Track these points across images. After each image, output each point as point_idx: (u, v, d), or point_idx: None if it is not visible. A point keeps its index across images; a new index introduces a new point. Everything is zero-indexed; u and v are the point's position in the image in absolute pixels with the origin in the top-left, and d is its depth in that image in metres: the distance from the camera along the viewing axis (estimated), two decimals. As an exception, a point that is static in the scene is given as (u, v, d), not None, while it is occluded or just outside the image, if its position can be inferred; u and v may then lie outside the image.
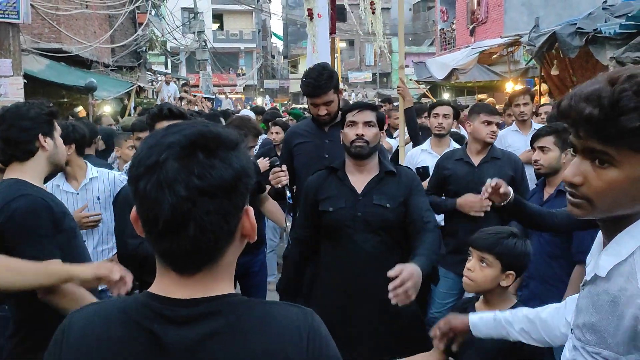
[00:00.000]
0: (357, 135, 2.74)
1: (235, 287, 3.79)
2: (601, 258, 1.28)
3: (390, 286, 2.15)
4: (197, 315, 1.02)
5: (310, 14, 5.51)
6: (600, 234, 1.36)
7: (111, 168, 4.28)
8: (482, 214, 3.49)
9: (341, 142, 2.86)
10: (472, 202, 3.51)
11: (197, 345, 1.01)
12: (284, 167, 3.18)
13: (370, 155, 2.80)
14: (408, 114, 4.41)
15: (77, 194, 3.46)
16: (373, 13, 5.65)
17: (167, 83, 15.71)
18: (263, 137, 7.35)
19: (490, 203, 3.00)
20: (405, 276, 2.17)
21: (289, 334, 1.05)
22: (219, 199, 0.99)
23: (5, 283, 1.98)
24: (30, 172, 2.25)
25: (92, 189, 3.50)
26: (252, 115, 9.17)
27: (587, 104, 1.15)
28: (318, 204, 2.82)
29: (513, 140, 5.13)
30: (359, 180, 2.80)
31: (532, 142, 3.49)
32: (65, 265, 2.09)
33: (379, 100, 20.77)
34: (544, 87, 11.01)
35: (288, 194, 3.16)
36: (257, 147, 5.48)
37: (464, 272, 2.35)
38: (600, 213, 1.24)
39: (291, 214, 4.81)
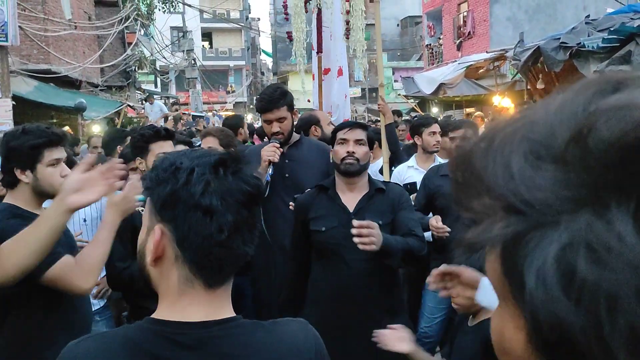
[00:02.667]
0: (347, 152, 2.73)
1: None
2: None
3: (354, 231, 2.33)
4: (210, 337, 1.04)
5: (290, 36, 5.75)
6: None
7: None
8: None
9: (331, 161, 2.87)
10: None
11: None
12: (282, 149, 3.26)
13: (361, 173, 2.79)
14: (388, 131, 4.45)
15: (64, 216, 3.44)
16: (347, 38, 5.76)
17: (151, 103, 15.02)
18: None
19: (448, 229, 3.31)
20: (371, 225, 2.37)
21: (297, 349, 1.12)
22: (257, 206, 1.10)
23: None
24: (21, 198, 2.25)
25: (78, 211, 3.47)
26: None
27: None
28: (309, 224, 2.78)
29: None
30: (349, 199, 2.77)
31: None
32: None
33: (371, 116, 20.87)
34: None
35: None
36: None
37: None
38: None
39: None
